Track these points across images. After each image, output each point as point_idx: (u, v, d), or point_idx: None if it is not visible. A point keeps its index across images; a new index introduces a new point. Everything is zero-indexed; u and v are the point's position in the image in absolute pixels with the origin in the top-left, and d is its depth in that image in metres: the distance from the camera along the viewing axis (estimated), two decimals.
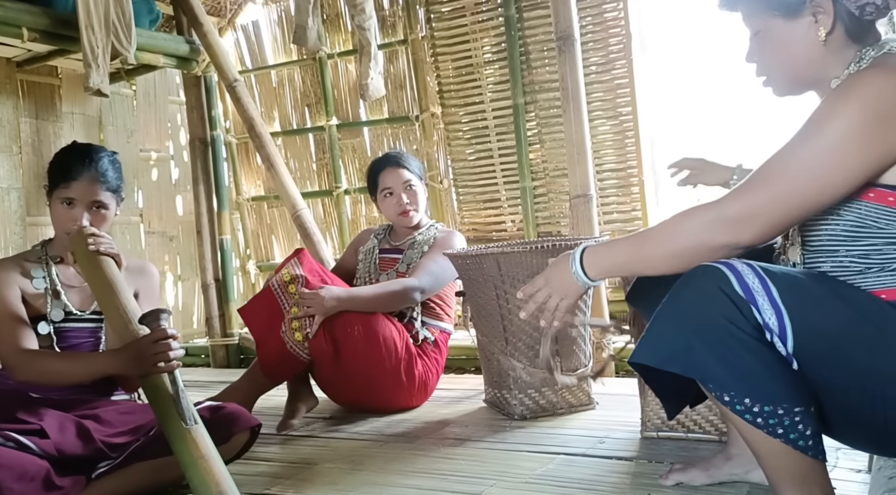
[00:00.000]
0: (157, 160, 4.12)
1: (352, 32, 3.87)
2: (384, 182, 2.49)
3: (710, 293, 1.05)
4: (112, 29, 2.84)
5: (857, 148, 1.04)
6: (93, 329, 1.85)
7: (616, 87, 3.22)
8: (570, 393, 2.18)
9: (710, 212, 1.11)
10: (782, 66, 1.21)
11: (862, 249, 1.11)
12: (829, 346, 1.04)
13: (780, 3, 1.16)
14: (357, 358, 2.17)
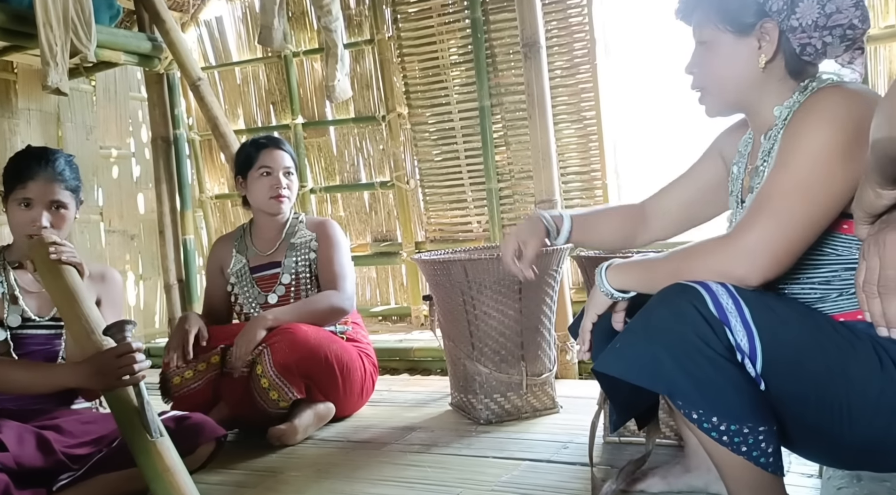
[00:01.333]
0: (118, 157, 4.04)
1: (317, 31, 3.85)
2: (264, 160, 2.27)
3: (683, 311, 1.07)
4: (71, 26, 2.77)
5: (838, 163, 1.08)
6: (50, 335, 1.82)
7: (580, 92, 3.26)
8: (535, 398, 2.22)
9: (724, 248, 1.11)
10: (719, 81, 1.25)
11: (823, 276, 1.15)
12: (794, 368, 1.08)
13: (733, 19, 1.20)
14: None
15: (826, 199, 1.09)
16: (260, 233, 2.38)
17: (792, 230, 1.08)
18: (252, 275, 2.34)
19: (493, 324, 2.16)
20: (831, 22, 1.15)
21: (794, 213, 1.08)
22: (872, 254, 0.93)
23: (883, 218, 0.95)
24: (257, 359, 2.05)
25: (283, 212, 2.34)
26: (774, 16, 1.17)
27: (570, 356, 2.75)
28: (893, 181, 0.89)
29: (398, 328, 3.86)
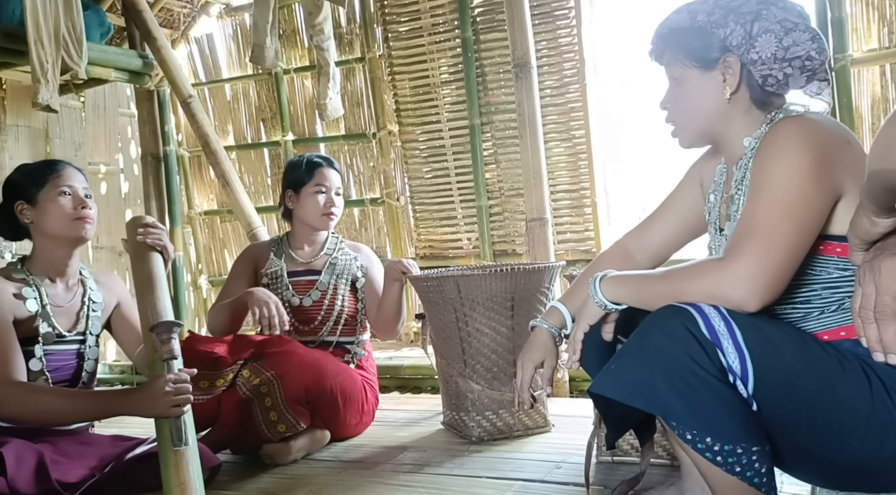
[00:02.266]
0: (107, 173, 4.03)
1: (308, 49, 3.87)
2: (319, 178, 2.38)
3: (676, 333, 1.09)
4: (62, 43, 2.77)
5: (813, 185, 1.11)
6: (77, 350, 1.80)
7: (570, 111, 3.30)
8: (527, 416, 2.22)
9: (720, 273, 1.12)
10: (689, 115, 1.30)
11: (803, 295, 1.18)
12: (786, 389, 1.10)
13: (697, 56, 1.26)
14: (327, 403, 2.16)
15: (808, 219, 1.12)
16: (299, 244, 2.46)
17: (781, 251, 1.10)
18: (289, 278, 2.41)
19: (486, 340, 2.16)
20: (789, 54, 1.20)
21: (781, 234, 1.11)
22: (868, 281, 0.95)
23: (877, 244, 0.97)
24: (266, 388, 2.03)
25: (331, 229, 2.47)
26: (735, 50, 1.22)
27: (561, 374, 2.76)
28: (888, 210, 0.91)
29: (388, 345, 3.85)
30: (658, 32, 1.32)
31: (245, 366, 2.08)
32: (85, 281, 1.86)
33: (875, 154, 0.88)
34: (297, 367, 2.04)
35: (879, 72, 2.74)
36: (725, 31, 1.22)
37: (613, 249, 1.58)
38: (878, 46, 2.72)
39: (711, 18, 1.24)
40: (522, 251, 3.47)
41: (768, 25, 1.21)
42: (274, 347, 2.11)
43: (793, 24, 1.21)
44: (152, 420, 1.49)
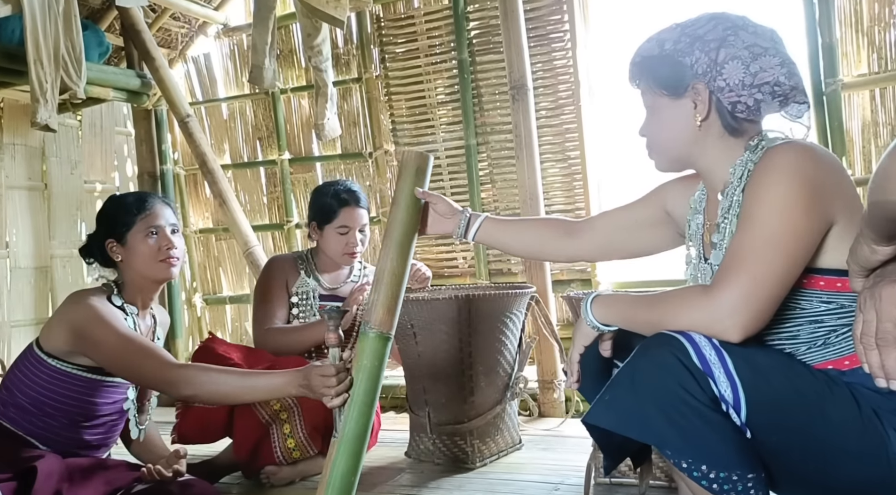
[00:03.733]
0: (103, 192, 4.02)
1: (305, 69, 3.89)
2: (345, 218, 2.38)
3: (667, 362, 1.10)
4: (62, 63, 2.78)
5: (804, 216, 1.12)
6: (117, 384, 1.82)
7: (565, 132, 3.33)
8: (501, 437, 2.23)
9: (706, 304, 1.13)
10: (663, 142, 1.32)
11: (789, 331, 1.19)
12: (778, 415, 1.11)
13: (666, 84, 1.28)
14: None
15: (796, 251, 1.12)
16: (324, 267, 2.47)
17: (769, 284, 1.11)
18: (319, 301, 2.43)
19: (438, 363, 2.19)
20: (758, 80, 1.21)
21: (769, 267, 1.11)
22: (869, 308, 0.96)
23: (877, 271, 0.99)
24: (286, 414, 2.02)
25: (353, 264, 2.48)
26: (702, 77, 1.23)
27: (557, 394, 2.76)
28: (888, 238, 0.92)
29: None
30: (632, 61, 1.35)
31: None
32: (154, 312, 1.90)
33: (875, 184, 0.90)
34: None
35: (869, 96, 2.78)
36: (692, 59, 1.24)
37: (561, 221, 1.63)
38: (867, 71, 2.76)
39: (678, 47, 1.25)
40: (518, 270, 3.49)
41: (735, 52, 1.21)
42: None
43: (762, 48, 1.22)
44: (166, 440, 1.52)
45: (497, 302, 2.17)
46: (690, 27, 1.26)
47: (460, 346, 2.16)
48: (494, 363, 2.19)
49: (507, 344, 2.24)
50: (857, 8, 2.76)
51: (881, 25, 2.73)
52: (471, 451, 2.16)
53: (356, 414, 1.41)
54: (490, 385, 2.20)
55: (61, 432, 1.70)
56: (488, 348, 2.17)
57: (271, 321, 2.33)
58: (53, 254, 3.71)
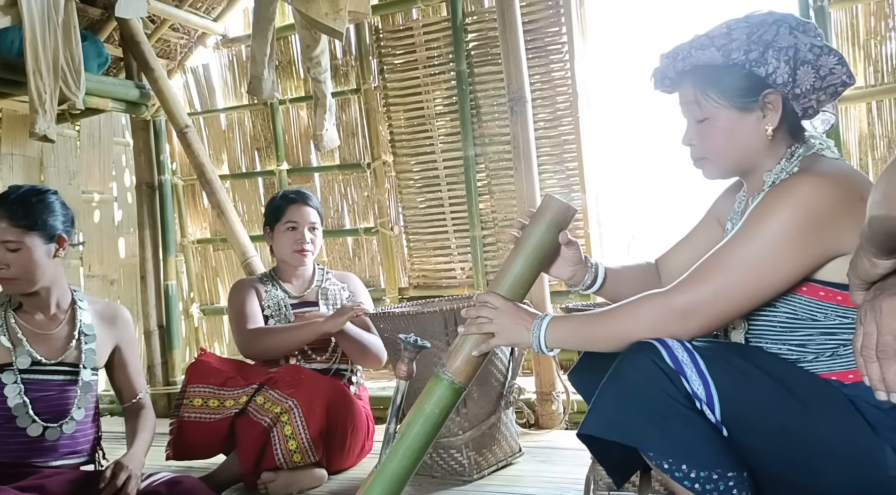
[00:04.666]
0: (100, 202, 4.02)
1: (304, 80, 3.90)
2: (290, 215, 2.41)
3: (645, 366, 1.13)
4: (61, 74, 2.78)
5: (793, 250, 1.12)
6: (63, 381, 1.79)
7: (563, 143, 3.34)
8: (499, 448, 2.21)
9: (660, 305, 1.17)
10: (725, 153, 1.27)
11: (799, 339, 1.19)
12: (754, 415, 1.12)
13: (735, 95, 1.21)
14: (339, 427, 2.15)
15: (770, 279, 1.14)
16: (287, 277, 2.49)
17: (725, 301, 1.14)
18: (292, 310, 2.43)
19: (429, 376, 2.17)
20: (825, 83, 1.20)
21: (732, 287, 1.14)
22: (869, 320, 0.97)
23: (877, 284, 0.99)
24: (287, 416, 2.01)
25: (306, 265, 2.46)
26: (780, 88, 1.19)
27: (556, 405, 2.76)
28: (888, 252, 0.93)
29: (381, 375, 3.84)
30: (673, 66, 1.27)
31: (259, 392, 2.07)
32: (77, 309, 1.84)
33: (875, 199, 0.90)
34: (316, 396, 2.05)
35: (866, 109, 2.80)
36: (767, 69, 1.18)
37: (648, 266, 1.54)
38: (864, 84, 2.78)
39: (750, 57, 1.18)
40: None
41: (804, 55, 1.18)
42: (289, 376, 2.12)
43: (819, 48, 1.19)
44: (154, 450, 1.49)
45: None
46: (756, 32, 1.19)
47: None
48: (486, 373, 2.18)
49: (498, 353, 2.24)
50: (853, 21, 2.78)
51: (877, 39, 2.75)
52: (467, 463, 2.15)
53: (402, 453, 1.32)
54: (483, 396, 2.18)
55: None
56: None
57: (253, 323, 2.35)
58: None
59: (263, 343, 2.29)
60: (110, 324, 1.89)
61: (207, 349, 2.60)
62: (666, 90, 1.34)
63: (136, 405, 1.91)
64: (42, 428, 1.72)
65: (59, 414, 1.75)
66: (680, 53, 1.26)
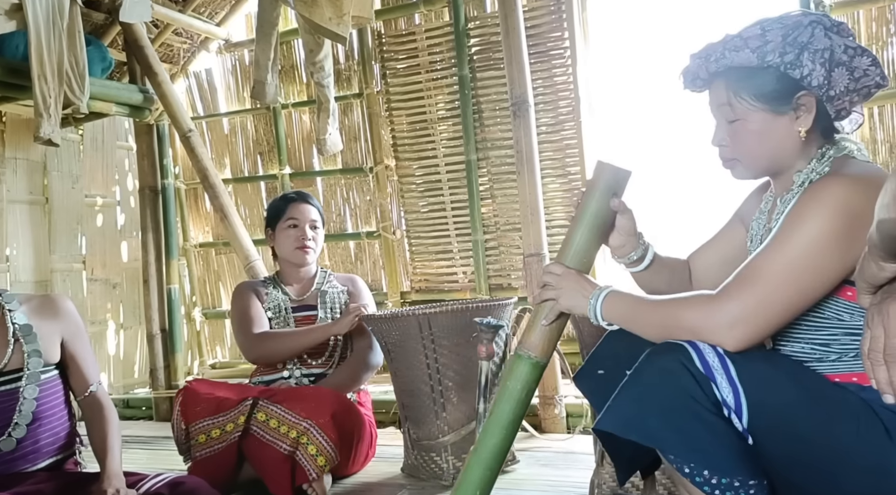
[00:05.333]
0: (103, 206, 4.03)
1: (307, 84, 3.92)
2: (291, 212, 2.41)
3: (672, 368, 1.12)
4: (65, 78, 2.80)
5: (832, 254, 1.12)
6: (7, 391, 1.71)
7: (565, 147, 3.35)
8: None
9: (710, 310, 1.13)
10: (758, 155, 1.26)
11: (823, 339, 1.19)
12: (780, 423, 1.11)
13: (770, 98, 1.21)
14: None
15: (813, 284, 1.13)
16: (289, 280, 2.49)
17: (775, 308, 1.12)
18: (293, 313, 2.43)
19: (412, 380, 2.20)
20: (860, 84, 1.20)
21: (778, 293, 1.12)
22: (876, 324, 0.97)
23: (885, 288, 0.99)
24: (306, 437, 1.99)
25: (308, 263, 2.46)
26: (815, 90, 1.18)
27: (558, 409, 2.76)
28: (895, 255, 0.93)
29: (383, 378, 3.84)
30: (706, 67, 1.26)
31: (258, 409, 2.05)
32: (6, 313, 1.74)
33: (883, 203, 0.90)
34: (325, 408, 2.03)
35: (868, 114, 2.80)
36: (803, 72, 1.17)
37: (681, 262, 1.54)
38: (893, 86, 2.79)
39: (785, 59, 1.17)
40: (518, 285, 3.49)
41: (838, 57, 1.18)
42: (288, 390, 2.11)
43: (853, 49, 1.19)
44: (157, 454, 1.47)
45: (460, 317, 2.14)
46: (792, 34, 1.18)
47: (427, 363, 2.17)
48: (465, 379, 2.15)
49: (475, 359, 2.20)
50: (854, 26, 2.79)
51: (879, 44, 2.76)
52: (445, 467, 2.15)
53: (492, 430, 1.37)
54: (464, 401, 2.16)
55: None
56: (457, 364, 2.15)
57: (258, 326, 2.35)
58: (53, 268, 3.71)
59: (270, 346, 2.29)
60: (51, 318, 1.78)
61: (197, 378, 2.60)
62: (696, 90, 1.34)
63: (91, 399, 1.81)
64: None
65: (5, 424, 1.69)
66: (713, 54, 1.25)
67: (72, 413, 1.85)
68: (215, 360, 4.37)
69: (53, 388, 1.80)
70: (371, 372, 2.41)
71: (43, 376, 1.76)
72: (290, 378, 2.34)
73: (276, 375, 2.36)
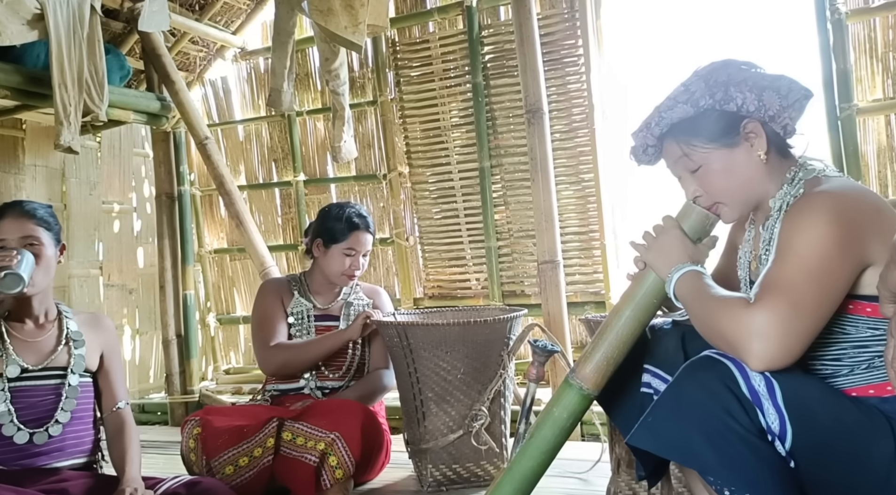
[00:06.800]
0: (120, 212, 4.07)
1: (321, 91, 3.95)
2: (353, 242, 2.38)
3: (714, 388, 1.10)
4: (85, 87, 2.83)
5: (839, 254, 1.12)
6: (52, 386, 1.79)
7: (579, 154, 3.35)
8: (492, 466, 2.20)
9: (741, 321, 1.11)
10: (733, 189, 1.30)
11: (833, 353, 1.20)
12: (822, 449, 1.11)
13: (719, 136, 1.27)
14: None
15: (832, 287, 1.13)
16: (318, 288, 2.47)
17: (806, 313, 1.11)
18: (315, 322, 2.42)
19: (433, 385, 2.19)
20: (790, 100, 1.25)
21: (807, 298, 1.11)
22: None
23: None
24: (331, 449, 2.00)
25: (350, 285, 2.49)
26: (755, 114, 1.25)
27: None
28: None
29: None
30: (650, 134, 1.32)
31: (284, 429, 2.06)
32: (64, 318, 1.87)
33: None
34: (356, 422, 2.03)
35: (885, 121, 2.79)
36: (737, 102, 1.24)
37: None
38: (882, 96, 2.78)
39: (716, 98, 1.25)
40: (531, 292, 3.49)
41: (761, 82, 1.25)
42: (318, 407, 2.12)
43: (769, 75, 1.27)
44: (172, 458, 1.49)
45: (435, 332, 2.13)
46: (712, 76, 1.27)
47: (408, 371, 2.18)
48: (444, 391, 2.15)
49: (466, 371, 2.15)
50: (871, 34, 2.78)
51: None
52: (424, 473, 2.16)
53: (530, 453, 1.34)
54: (444, 413, 2.16)
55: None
56: (436, 375, 2.14)
57: (275, 339, 2.34)
58: (71, 274, 3.75)
59: (284, 358, 2.29)
60: (95, 331, 1.90)
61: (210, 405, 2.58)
62: (649, 162, 1.39)
63: (117, 416, 1.88)
64: (28, 434, 1.73)
65: (44, 419, 1.76)
66: (651, 121, 1.32)
67: (97, 424, 1.90)
68: (229, 366, 4.39)
69: (87, 394, 1.87)
70: (384, 393, 2.41)
71: (81, 379, 1.84)
72: (305, 389, 2.34)
73: (291, 385, 2.36)
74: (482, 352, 2.15)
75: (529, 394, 1.47)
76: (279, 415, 2.08)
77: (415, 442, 2.20)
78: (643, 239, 1.35)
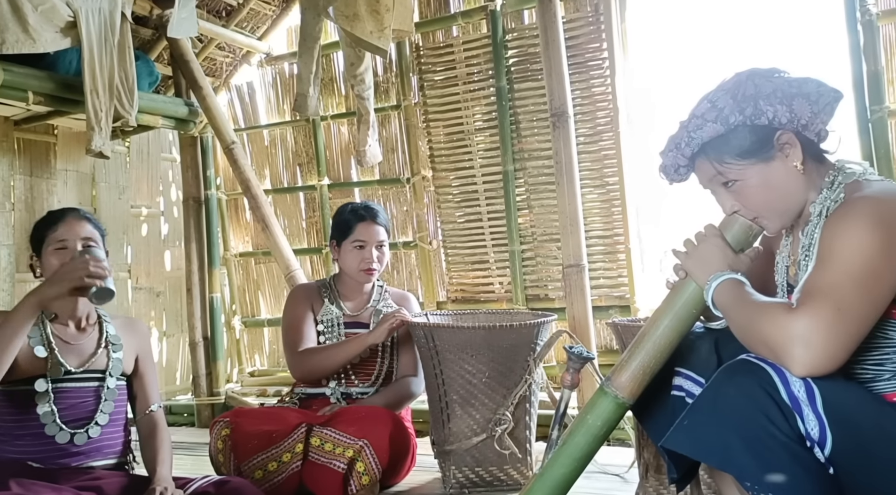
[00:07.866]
0: (148, 216, 4.13)
1: (346, 96, 3.98)
2: (360, 233, 2.37)
3: (753, 393, 1.09)
4: (115, 92, 2.89)
5: (881, 257, 1.11)
6: (91, 388, 1.83)
7: (603, 158, 3.34)
8: (516, 471, 2.20)
9: (783, 326, 1.10)
10: (773, 203, 1.29)
11: (875, 358, 1.18)
12: (862, 454, 1.09)
13: (753, 151, 1.25)
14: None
15: (878, 292, 1.11)
16: (347, 293, 2.48)
17: (851, 317, 1.09)
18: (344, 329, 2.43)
19: (458, 388, 2.20)
20: (821, 105, 1.25)
21: (852, 301, 1.09)
22: None
23: None
24: (359, 455, 2.02)
25: (371, 281, 2.46)
26: (788, 126, 1.24)
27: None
28: None
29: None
30: (681, 154, 1.30)
31: (312, 434, 2.08)
32: (104, 321, 1.93)
33: None
34: (385, 430, 2.05)
35: None
36: (769, 117, 1.23)
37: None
38: None
39: (746, 113, 1.24)
40: (555, 296, 3.48)
41: (789, 90, 1.24)
42: (347, 414, 2.13)
43: (795, 80, 1.25)
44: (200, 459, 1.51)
45: (460, 335, 2.14)
46: (739, 90, 1.25)
47: (434, 373, 2.19)
48: (468, 394, 2.15)
49: (491, 375, 2.15)
50: None
51: None
52: (448, 475, 2.17)
53: (562, 460, 1.34)
54: (468, 415, 2.16)
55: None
56: (458, 379, 2.15)
57: (304, 344, 2.36)
58: None
59: (313, 363, 2.30)
60: (131, 335, 1.95)
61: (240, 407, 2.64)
62: (681, 179, 1.38)
63: (149, 419, 1.92)
64: (70, 434, 1.78)
65: (85, 420, 1.81)
66: (681, 141, 1.30)
67: (128, 427, 1.94)
68: (254, 368, 4.43)
69: (122, 397, 1.92)
70: (411, 401, 2.41)
71: (118, 382, 1.89)
72: (332, 394, 2.34)
73: (318, 389, 2.37)
74: (508, 356, 2.15)
75: (563, 401, 1.47)
76: (307, 420, 2.10)
77: (440, 443, 2.21)
78: (684, 246, 1.33)
